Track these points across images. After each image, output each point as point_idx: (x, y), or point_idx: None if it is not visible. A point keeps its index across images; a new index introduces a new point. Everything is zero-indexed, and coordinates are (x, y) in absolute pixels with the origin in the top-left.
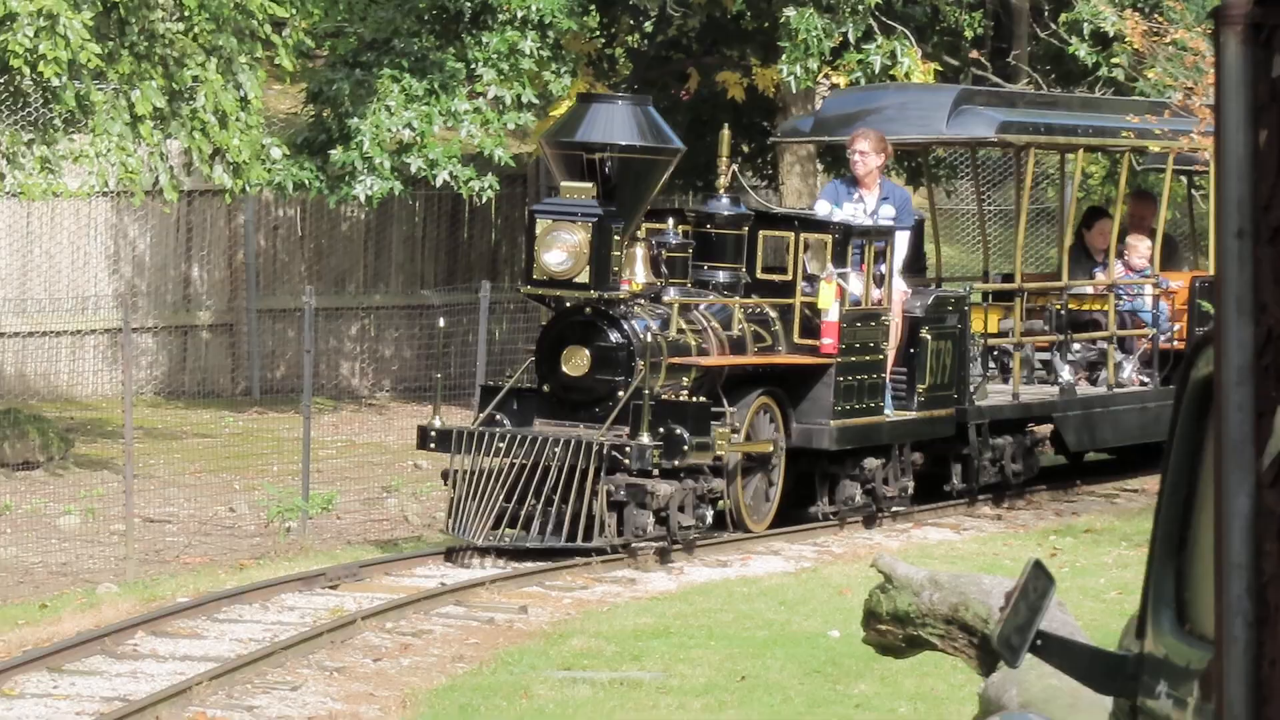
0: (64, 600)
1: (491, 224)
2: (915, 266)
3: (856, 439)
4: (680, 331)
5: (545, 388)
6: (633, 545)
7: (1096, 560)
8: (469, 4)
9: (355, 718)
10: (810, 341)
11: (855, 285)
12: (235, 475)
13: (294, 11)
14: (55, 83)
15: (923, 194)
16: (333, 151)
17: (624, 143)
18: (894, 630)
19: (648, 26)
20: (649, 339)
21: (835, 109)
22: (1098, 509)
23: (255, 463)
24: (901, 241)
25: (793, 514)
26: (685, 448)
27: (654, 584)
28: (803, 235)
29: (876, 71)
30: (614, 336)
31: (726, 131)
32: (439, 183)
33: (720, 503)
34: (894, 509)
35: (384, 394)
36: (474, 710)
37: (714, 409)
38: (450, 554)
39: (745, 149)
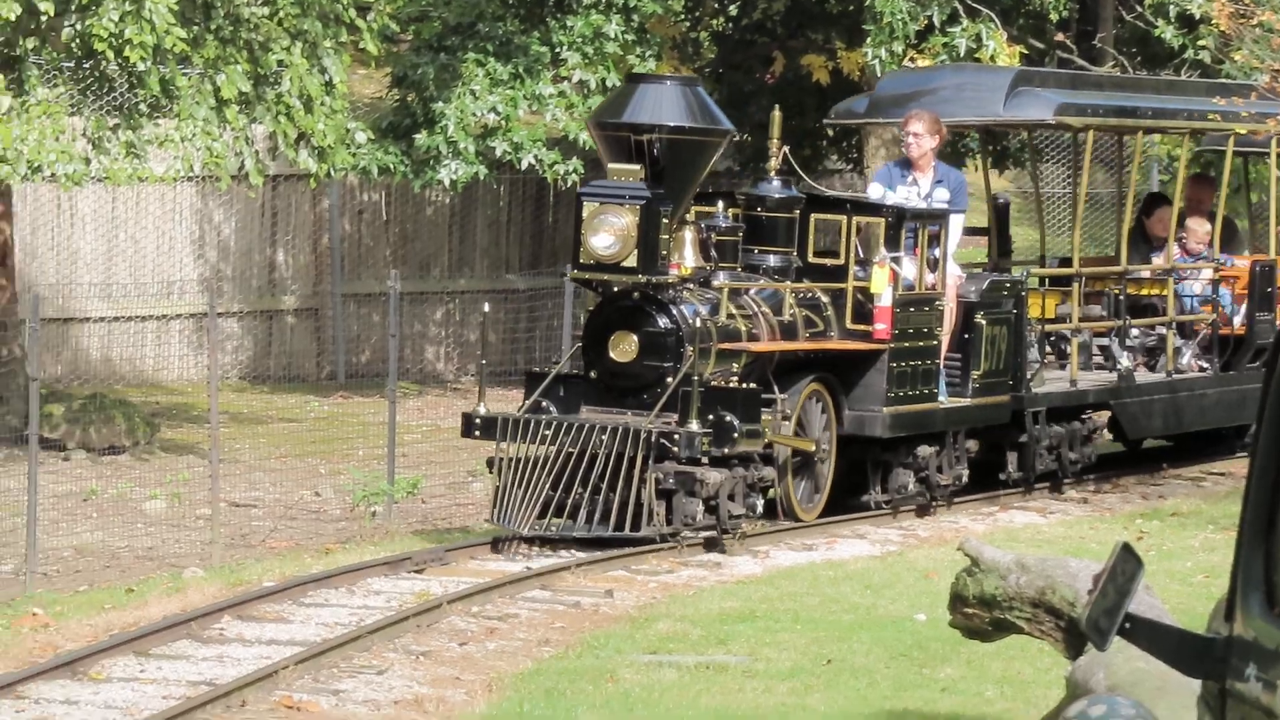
0: (150, 584)
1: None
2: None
3: (910, 426)
4: (730, 317)
5: (592, 374)
6: (681, 534)
7: (1183, 544)
8: None
9: (441, 701)
10: (863, 327)
11: (908, 269)
12: (320, 460)
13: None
14: (141, 67)
15: (1008, 177)
16: (417, 136)
17: (673, 124)
18: (980, 614)
19: (732, 10)
20: (698, 324)
21: (890, 90)
22: (1184, 492)
23: (340, 447)
24: (956, 225)
25: (844, 502)
26: (735, 435)
27: (739, 568)
28: (855, 219)
29: (961, 54)
30: (662, 322)
31: (777, 113)
32: (524, 166)
33: (770, 491)
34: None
35: (469, 378)
36: (560, 694)
37: (764, 395)
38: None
39: (830, 133)
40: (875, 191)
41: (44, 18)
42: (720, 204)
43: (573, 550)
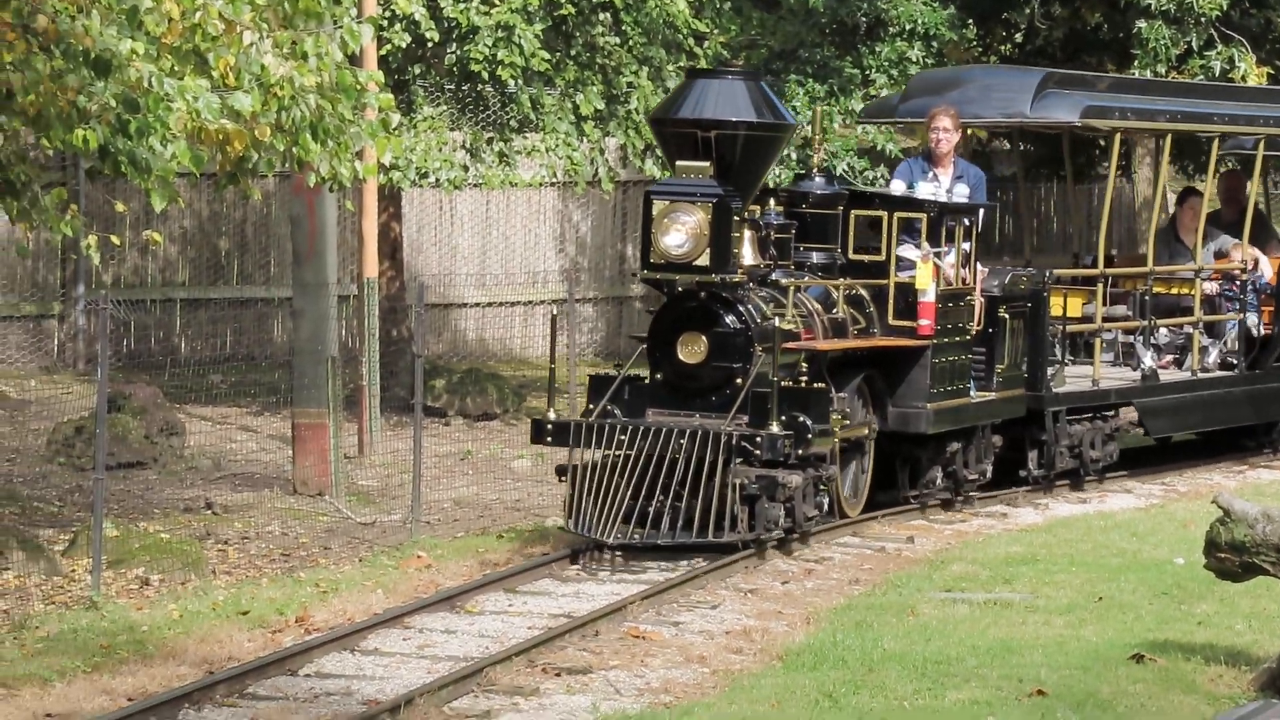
0: (517, 532)
1: None
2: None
3: (949, 421)
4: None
5: (659, 376)
6: (762, 539)
7: None
8: (864, 19)
9: (765, 632)
10: (905, 323)
11: (949, 266)
12: None
13: (714, 27)
14: (511, 88)
15: None
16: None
17: (740, 119)
18: (1231, 558)
19: (1018, 37)
20: (765, 324)
21: (921, 89)
22: None
23: None
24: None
25: (873, 498)
26: (810, 436)
27: (1023, 518)
28: (896, 214)
29: (1216, 75)
30: (732, 321)
31: (819, 109)
32: (839, 172)
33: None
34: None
35: None
36: (868, 626)
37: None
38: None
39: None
40: (898, 188)
41: (429, 45)
42: (771, 201)
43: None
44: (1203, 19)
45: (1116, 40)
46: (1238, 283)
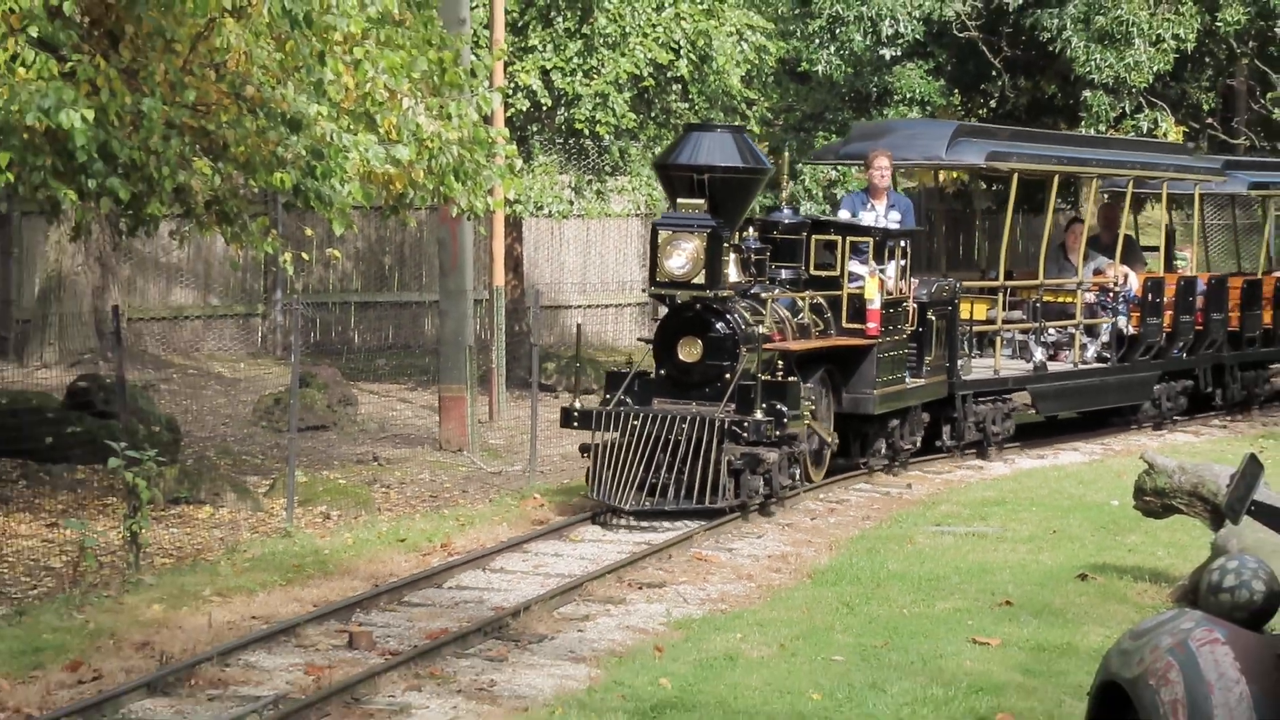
0: None
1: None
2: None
3: (892, 403)
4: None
5: (663, 371)
6: (746, 504)
7: None
8: (875, 89)
9: (798, 556)
10: (856, 325)
11: (890, 279)
12: None
13: (760, 95)
14: (606, 141)
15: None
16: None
17: (726, 164)
18: (1154, 500)
19: (992, 103)
20: (756, 329)
21: (859, 136)
22: None
23: None
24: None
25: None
26: (786, 420)
27: (995, 470)
28: (848, 238)
29: (1144, 132)
30: (722, 328)
31: (787, 155)
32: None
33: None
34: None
35: None
36: (876, 551)
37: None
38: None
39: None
40: (844, 215)
41: (544, 109)
42: (750, 229)
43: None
44: (1134, 89)
45: (1068, 106)
46: (1111, 294)
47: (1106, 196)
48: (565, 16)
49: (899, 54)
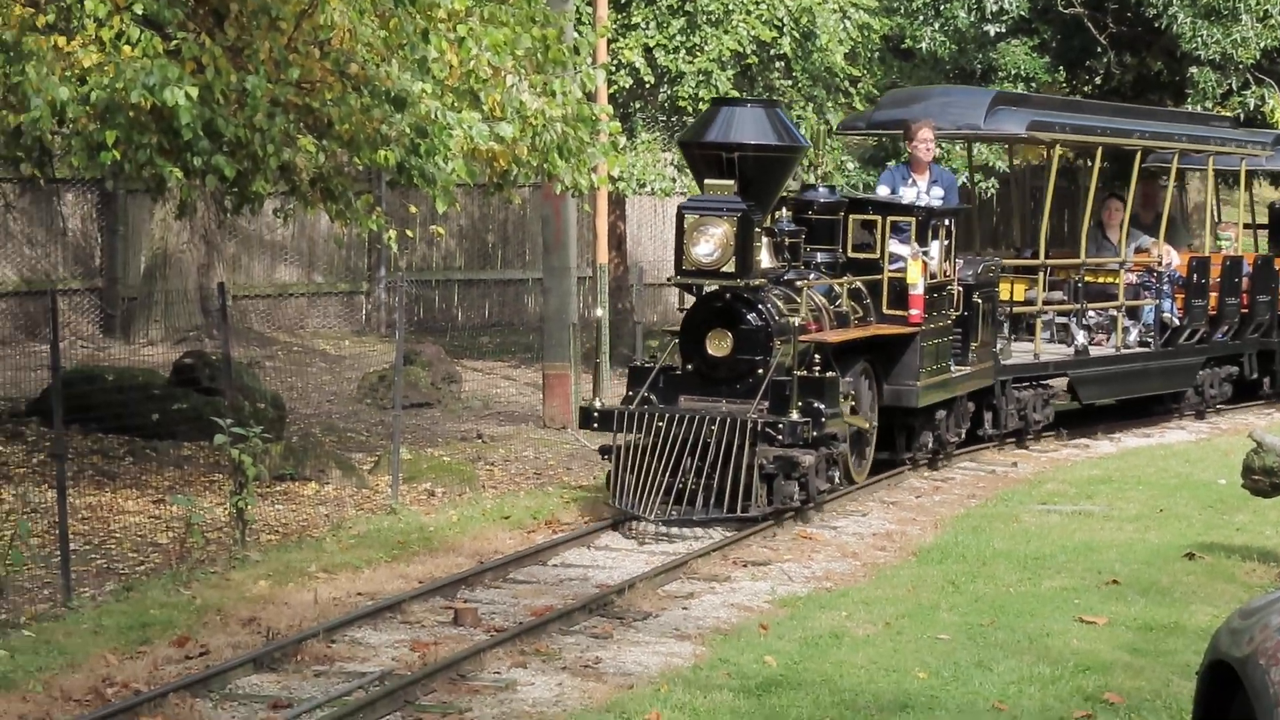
0: None
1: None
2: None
3: (936, 394)
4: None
5: (689, 366)
6: (780, 511)
7: None
8: (979, 65)
9: (903, 534)
10: (898, 312)
11: (934, 262)
12: None
13: (864, 72)
14: None
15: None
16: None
17: (759, 141)
18: (1262, 479)
19: (1097, 80)
20: (783, 320)
21: (890, 104)
22: None
23: None
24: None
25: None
26: (824, 420)
27: (1101, 449)
28: (889, 218)
29: (1251, 109)
30: (753, 319)
31: (822, 128)
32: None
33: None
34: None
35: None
36: (981, 530)
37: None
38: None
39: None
40: (883, 192)
41: (647, 86)
42: (784, 209)
43: None
44: (1240, 65)
45: (1174, 82)
46: (1154, 274)
47: (1144, 171)
48: None
49: (1004, 30)
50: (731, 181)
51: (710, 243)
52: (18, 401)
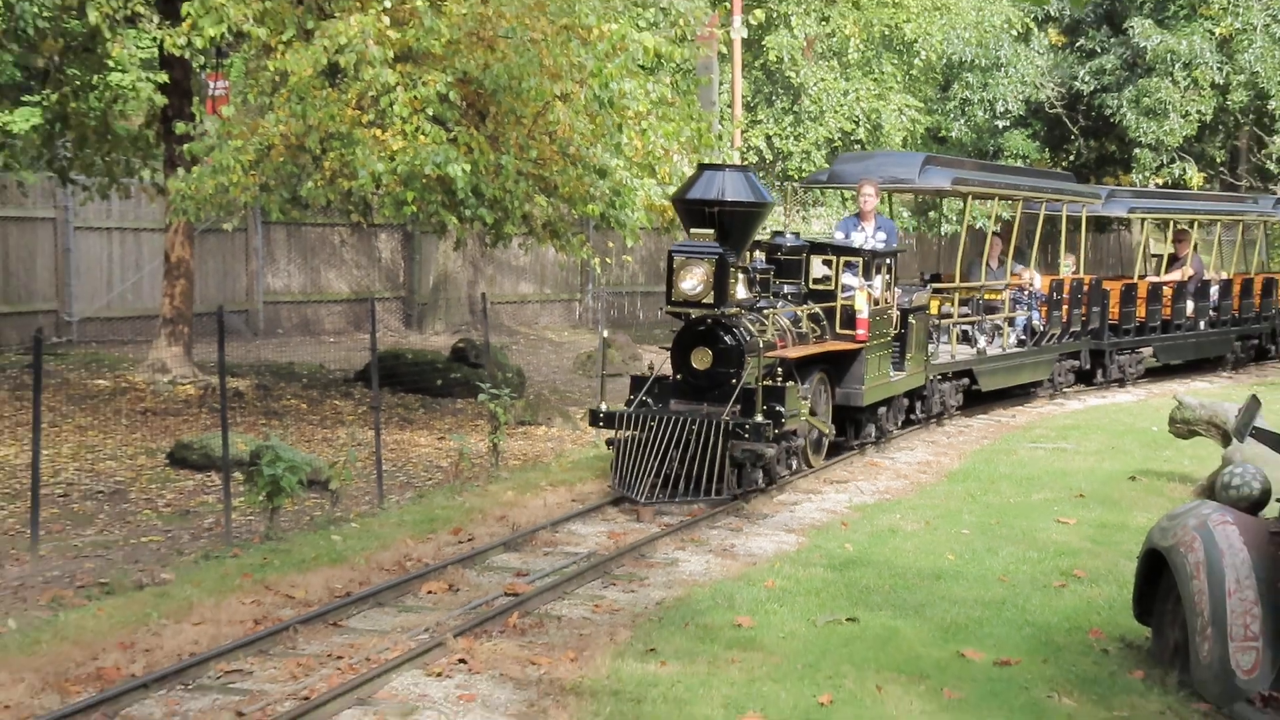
0: None
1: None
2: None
3: (878, 395)
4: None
5: (679, 376)
6: (747, 493)
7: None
8: (991, 148)
9: (938, 463)
10: (848, 332)
11: (877, 291)
12: None
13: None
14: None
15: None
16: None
17: (734, 198)
18: (1181, 426)
19: (1072, 157)
20: (760, 340)
21: (843, 165)
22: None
23: None
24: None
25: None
26: (783, 420)
27: (1071, 406)
28: (842, 258)
29: (1176, 177)
30: (729, 340)
31: (785, 189)
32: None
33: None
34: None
35: None
36: (991, 460)
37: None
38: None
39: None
40: (839, 236)
41: (767, 162)
42: (757, 251)
43: None
44: (1169, 148)
45: (1124, 159)
46: (1026, 292)
47: (1007, 216)
48: (782, 99)
49: (1008, 124)
50: (711, 230)
51: (694, 279)
52: (349, 371)
